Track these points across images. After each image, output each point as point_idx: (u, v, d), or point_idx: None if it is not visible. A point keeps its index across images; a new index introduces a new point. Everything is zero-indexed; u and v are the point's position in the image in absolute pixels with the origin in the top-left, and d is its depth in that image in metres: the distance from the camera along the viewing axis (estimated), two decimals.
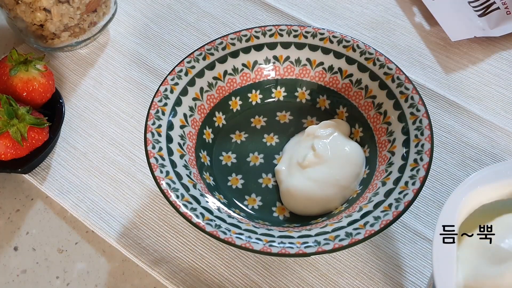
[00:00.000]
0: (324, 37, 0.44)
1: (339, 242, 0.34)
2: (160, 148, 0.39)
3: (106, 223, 0.41)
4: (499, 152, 0.44)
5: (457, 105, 0.47)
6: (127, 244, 0.40)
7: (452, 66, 0.50)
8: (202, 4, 0.54)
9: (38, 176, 0.43)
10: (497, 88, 0.48)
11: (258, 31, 0.45)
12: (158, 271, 0.39)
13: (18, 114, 0.40)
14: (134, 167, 0.44)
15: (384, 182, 0.38)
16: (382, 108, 0.42)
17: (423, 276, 0.38)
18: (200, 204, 0.37)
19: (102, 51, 0.51)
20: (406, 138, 0.39)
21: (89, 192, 0.43)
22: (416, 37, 0.52)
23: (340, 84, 0.44)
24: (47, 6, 0.45)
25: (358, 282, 0.38)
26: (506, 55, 0.50)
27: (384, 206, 0.36)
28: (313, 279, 0.38)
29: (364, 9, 0.54)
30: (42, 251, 0.40)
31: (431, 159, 0.37)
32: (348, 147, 0.41)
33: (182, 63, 0.43)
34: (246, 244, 0.34)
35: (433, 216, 0.41)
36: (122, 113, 0.47)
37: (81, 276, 0.39)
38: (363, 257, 0.39)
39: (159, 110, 0.40)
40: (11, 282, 0.39)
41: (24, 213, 0.42)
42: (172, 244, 0.40)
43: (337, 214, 0.38)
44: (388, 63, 0.43)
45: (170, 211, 0.41)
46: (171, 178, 0.37)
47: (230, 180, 0.42)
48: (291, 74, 0.45)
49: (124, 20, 0.53)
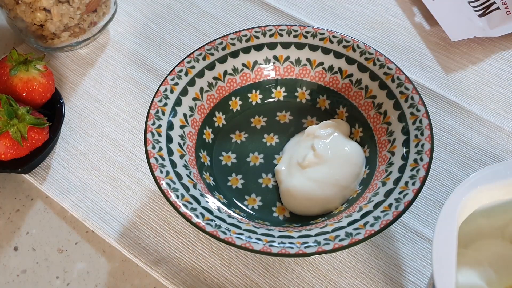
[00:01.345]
0: (324, 37, 0.44)
1: (339, 242, 0.34)
2: (160, 148, 0.39)
3: (106, 223, 0.41)
4: (499, 152, 0.44)
5: (457, 105, 0.47)
6: (127, 244, 0.40)
7: (452, 66, 0.50)
8: (202, 4, 0.54)
9: (38, 176, 0.43)
10: (497, 88, 0.48)
11: (258, 31, 0.45)
12: (158, 271, 0.39)
13: (18, 114, 0.40)
14: (134, 167, 0.44)
15: (384, 182, 0.38)
16: (382, 108, 0.42)
17: (423, 276, 0.38)
18: (200, 204, 0.37)
19: (102, 51, 0.51)
20: (406, 138, 0.39)
21: (89, 192, 0.43)
22: (416, 37, 0.52)
23: (340, 84, 0.44)
24: (47, 6, 0.45)
25: (358, 282, 0.38)
26: (506, 55, 0.50)
27: (384, 206, 0.36)
28: (313, 279, 0.38)
29: (364, 9, 0.54)
30: (42, 251, 0.40)
31: (431, 159, 0.37)
32: (348, 147, 0.41)
33: (182, 63, 0.43)
34: (246, 244, 0.34)
35: (433, 216, 0.41)
36: (122, 113, 0.47)
37: (81, 276, 0.39)
38: (363, 257, 0.39)
39: (159, 110, 0.40)
40: (11, 282, 0.39)
41: (24, 213, 0.42)
42: (172, 244, 0.40)
43: (337, 214, 0.38)
44: (388, 63, 0.43)
45: (170, 211, 0.41)
46: (171, 178, 0.37)
47: (230, 180, 0.42)
48: (291, 74, 0.45)
49: (124, 20, 0.53)
